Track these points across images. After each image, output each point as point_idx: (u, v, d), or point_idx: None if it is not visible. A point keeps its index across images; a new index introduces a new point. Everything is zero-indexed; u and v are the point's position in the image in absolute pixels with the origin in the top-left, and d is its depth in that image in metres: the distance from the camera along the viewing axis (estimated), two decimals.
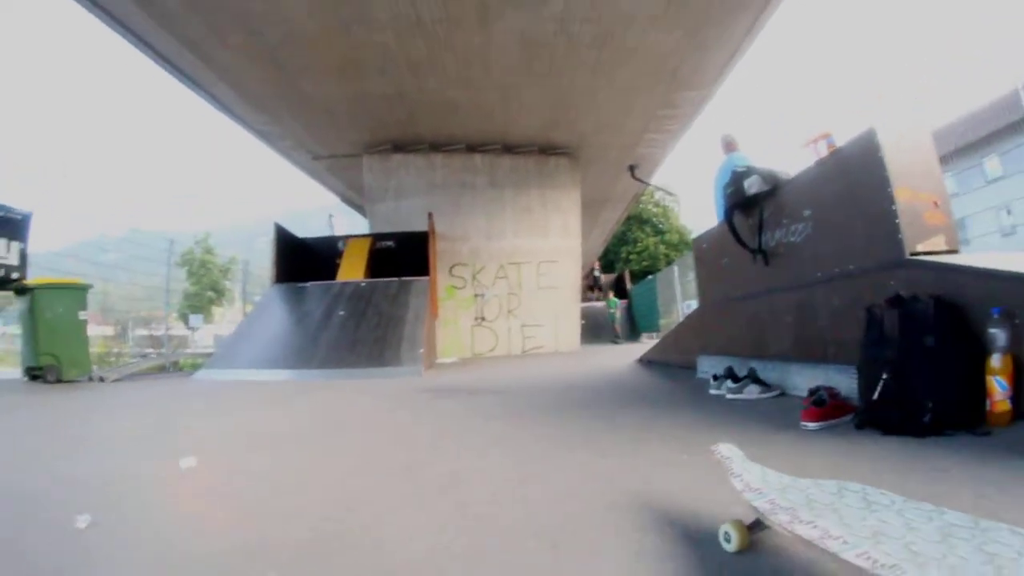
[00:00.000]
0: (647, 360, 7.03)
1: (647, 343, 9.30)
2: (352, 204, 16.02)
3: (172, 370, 9.55)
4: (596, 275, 24.78)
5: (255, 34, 7.53)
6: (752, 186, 4.00)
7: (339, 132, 10.97)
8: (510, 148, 11.80)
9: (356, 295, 8.62)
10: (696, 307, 6.03)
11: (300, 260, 10.19)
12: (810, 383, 2.92)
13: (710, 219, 5.31)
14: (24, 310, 6.68)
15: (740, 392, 3.61)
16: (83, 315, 7.02)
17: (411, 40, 7.81)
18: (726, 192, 4.35)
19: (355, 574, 1.25)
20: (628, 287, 22.65)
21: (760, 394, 3.53)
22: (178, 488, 2.04)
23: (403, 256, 10.17)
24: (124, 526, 1.61)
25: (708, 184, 5.15)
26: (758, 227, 4.06)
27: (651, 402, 3.98)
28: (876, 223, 2.79)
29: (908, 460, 1.89)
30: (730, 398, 3.61)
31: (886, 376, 2.26)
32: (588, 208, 14.27)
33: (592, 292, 23.15)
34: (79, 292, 7.05)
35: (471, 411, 3.84)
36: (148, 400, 5.33)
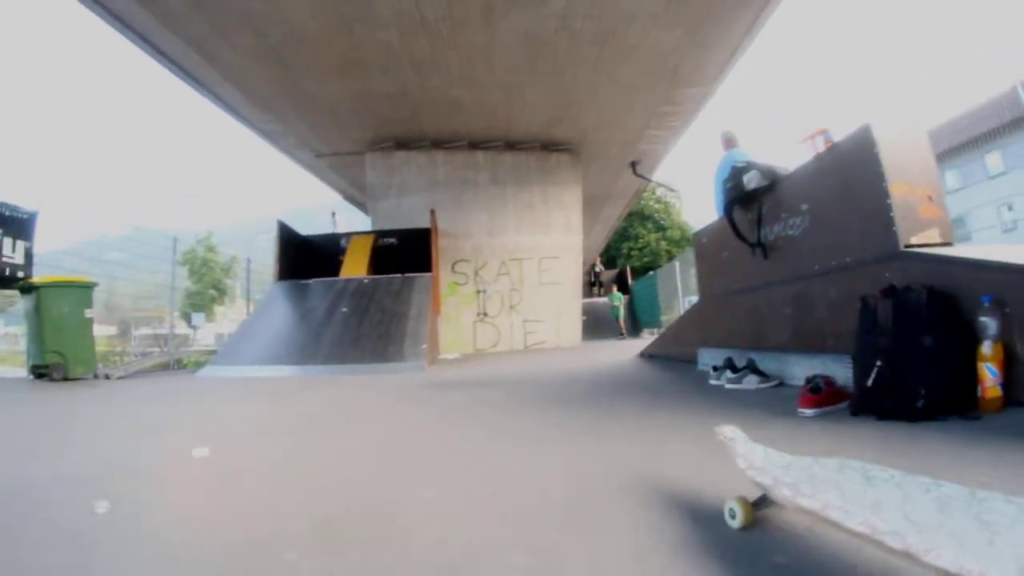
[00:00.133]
0: (648, 354, 7.10)
1: (648, 339, 9.36)
2: (354, 202, 16.06)
3: (176, 368, 9.58)
4: (597, 271, 24.76)
5: (259, 34, 7.58)
6: (751, 181, 4.07)
7: (342, 130, 11.02)
8: (512, 145, 11.84)
9: (359, 292, 8.67)
10: (696, 301, 6.09)
11: (303, 257, 10.23)
12: (808, 373, 2.98)
13: (711, 215, 5.38)
14: (30, 308, 6.65)
15: (739, 382, 3.68)
16: (88, 313, 6.99)
17: (414, 39, 7.86)
18: (726, 187, 4.43)
19: (373, 548, 1.30)
20: (629, 283, 22.67)
21: (759, 384, 3.60)
22: (193, 475, 2.09)
23: (406, 253, 10.20)
24: (141, 510, 1.67)
25: (709, 181, 5.21)
26: (757, 221, 4.14)
27: (652, 392, 4.06)
28: (872, 217, 2.86)
29: (901, 443, 1.96)
30: (729, 388, 3.68)
31: (880, 363, 2.34)
32: (590, 204, 14.32)
33: (593, 288, 23.15)
34: (85, 290, 7.02)
35: (477, 402, 3.91)
36: (156, 396, 5.40)
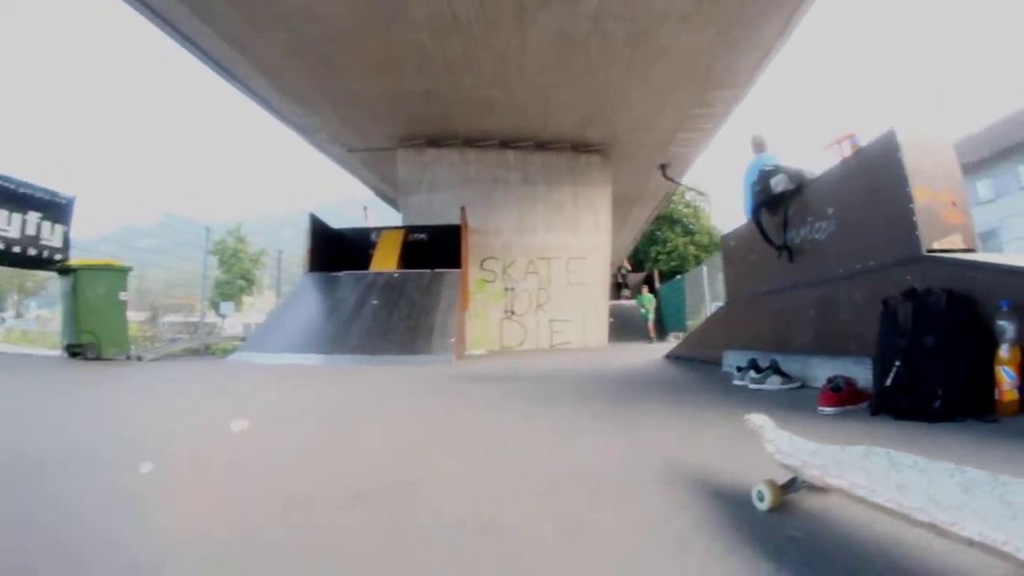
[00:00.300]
0: (674, 356, 7.16)
1: (675, 343, 9.38)
2: (385, 197, 16.32)
3: (204, 353, 9.92)
4: (624, 273, 24.67)
5: (295, 30, 7.81)
6: (779, 184, 4.12)
7: (375, 126, 11.24)
8: (543, 145, 11.94)
9: (389, 285, 8.86)
10: (723, 304, 6.12)
11: (334, 250, 10.48)
12: (830, 375, 3.02)
13: (740, 220, 5.42)
14: (66, 290, 6.87)
15: (762, 382, 3.74)
16: (123, 296, 7.22)
17: (447, 39, 8.03)
18: (754, 190, 4.48)
19: (415, 512, 1.41)
20: (657, 286, 22.54)
21: (781, 385, 3.65)
22: (231, 445, 2.23)
23: (435, 248, 10.38)
24: (178, 470, 1.83)
25: (739, 185, 5.25)
26: (783, 224, 4.18)
27: (677, 389, 4.14)
28: (895, 221, 2.89)
29: (918, 440, 2.02)
30: (752, 388, 3.74)
31: (899, 364, 2.39)
32: (619, 206, 14.31)
33: (620, 290, 23.08)
34: (120, 274, 7.25)
35: (507, 394, 4.04)
36: (189, 376, 5.68)
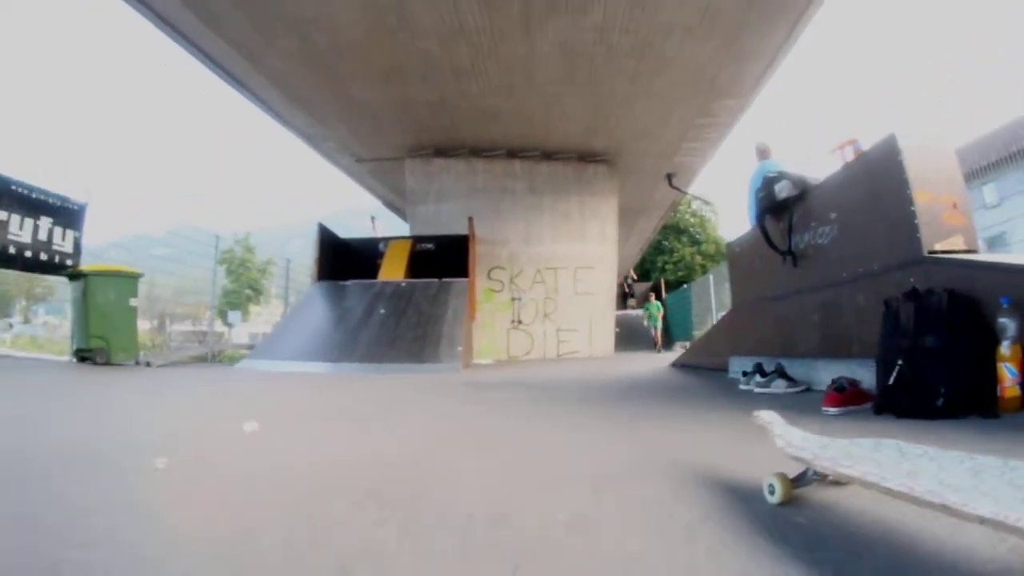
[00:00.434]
0: (680, 364, 7.17)
1: (681, 352, 9.40)
2: (392, 207, 16.45)
3: (213, 361, 9.99)
4: (629, 283, 24.66)
5: (304, 39, 7.92)
6: (782, 190, 4.16)
7: (383, 136, 11.37)
8: (549, 155, 12.03)
9: (396, 294, 8.91)
10: (728, 309, 6.14)
11: (342, 259, 10.56)
12: (834, 378, 3.06)
13: (746, 229, 5.47)
14: (77, 295, 6.95)
15: (768, 386, 3.76)
16: (133, 302, 7.29)
17: (455, 48, 8.14)
18: (758, 197, 4.52)
19: (425, 503, 1.45)
20: (663, 295, 22.52)
21: (786, 388, 3.68)
22: (243, 444, 2.27)
23: (443, 258, 10.44)
24: (194, 467, 1.86)
25: (744, 193, 5.30)
26: (788, 230, 4.22)
27: (682, 394, 4.18)
28: (897, 224, 2.93)
29: (921, 438, 2.01)
30: (758, 392, 3.76)
31: (901, 363, 2.42)
32: (625, 216, 14.37)
33: (626, 300, 23.08)
34: (130, 280, 7.33)
35: (515, 398, 4.11)
36: (198, 382, 5.76)
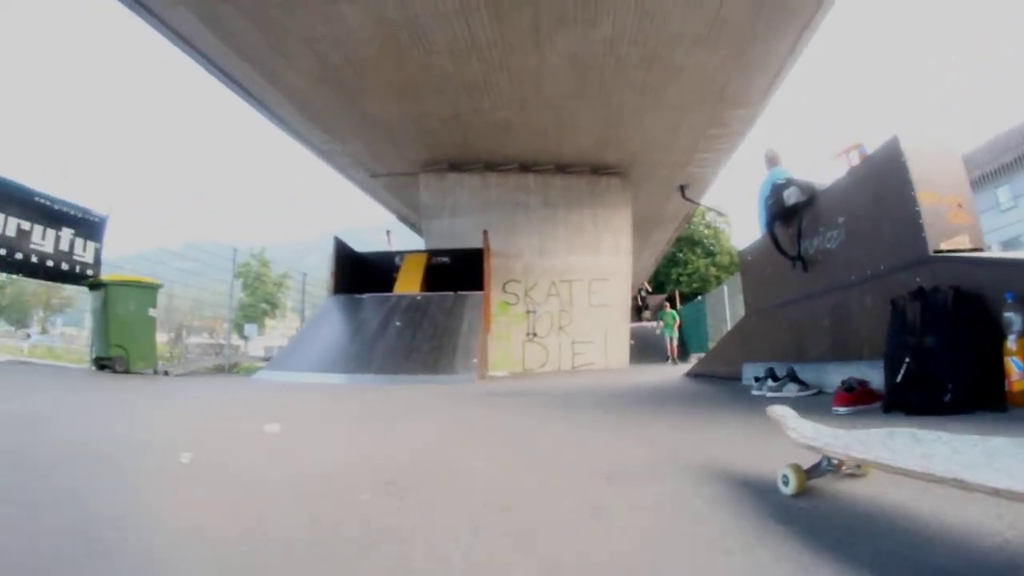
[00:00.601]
0: (694, 373, 7.18)
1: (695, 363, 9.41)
2: (407, 221, 16.64)
3: (230, 372, 10.10)
4: (644, 295, 24.58)
5: (320, 56, 8.13)
6: (791, 197, 4.21)
7: (397, 151, 11.56)
8: (562, 168, 12.14)
9: (412, 307, 9.01)
10: (741, 318, 6.15)
11: (358, 273, 10.72)
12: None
13: (758, 238, 5.49)
14: (97, 304, 7.08)
15: (779, 391, 3.78)
16: (152, 312, 7.41)
17: (467, 62, 8.30)
18: (768, 204, 4.57)
19: (440, 497, 1.50)
20: (678, 307, 22.41)
21: (798, 392, 3.70)
22: (264, 445, 2.32)
23: (458, 271, 10.53)
24: (217, 461, 1.94)
25: (755, 202, 5.33)
26: (797, 236, 4.26)
27: (696, 400, 4.23)
28: (903, 225, 2.97)
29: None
30: (770, 396, 3.78)
31: (908, 361, 2.45)
32: (639, 228, 14.39)
33: (641, 313, 22.98)
34: (150, 290, 7.45)
35: (531, 404, 4.17)
36: (217, 390, 5.88)
